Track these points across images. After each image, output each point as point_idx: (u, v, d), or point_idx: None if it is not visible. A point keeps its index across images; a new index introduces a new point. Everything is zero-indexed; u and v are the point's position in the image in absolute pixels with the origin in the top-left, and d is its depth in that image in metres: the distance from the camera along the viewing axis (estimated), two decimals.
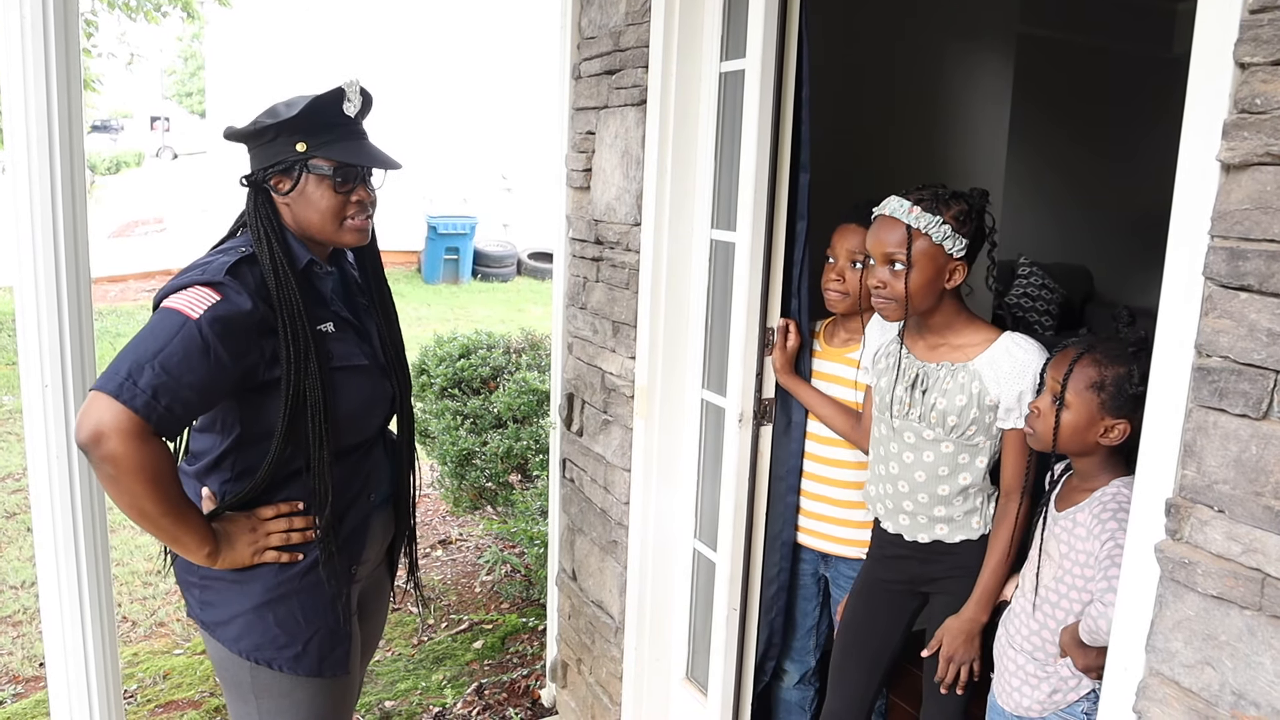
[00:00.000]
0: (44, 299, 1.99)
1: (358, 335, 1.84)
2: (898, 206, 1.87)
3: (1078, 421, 1.66)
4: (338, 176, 1.74)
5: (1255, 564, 1.05)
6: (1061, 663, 1.71)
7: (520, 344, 4.78)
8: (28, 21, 1.89)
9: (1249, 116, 1.04)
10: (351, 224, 1.78)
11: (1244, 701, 1.07)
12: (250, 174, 1.76)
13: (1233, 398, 1.07)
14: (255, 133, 1.73)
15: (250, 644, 1.73)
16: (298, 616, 1.75)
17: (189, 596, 1.79)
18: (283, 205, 1.76)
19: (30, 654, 3.50)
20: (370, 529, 1.89)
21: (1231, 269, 1.06)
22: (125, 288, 11.82)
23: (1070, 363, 1.67)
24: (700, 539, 2.44)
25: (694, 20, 2.25)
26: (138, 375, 1.50)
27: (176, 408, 1.54)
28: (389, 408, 1.93)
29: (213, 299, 1.58)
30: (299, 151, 1.71)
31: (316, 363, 1.68)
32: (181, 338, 1.53)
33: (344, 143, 1.75)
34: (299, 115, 1.69)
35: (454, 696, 3.25)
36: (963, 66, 3.88)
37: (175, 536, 1.60)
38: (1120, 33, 4.95)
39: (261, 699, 1.77)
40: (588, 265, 2.71)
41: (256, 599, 1.72)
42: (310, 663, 1.76)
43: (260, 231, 1.70)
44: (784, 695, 2.50)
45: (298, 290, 1.68)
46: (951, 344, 1.93)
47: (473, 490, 4.27)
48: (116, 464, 1.49)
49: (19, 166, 1.95)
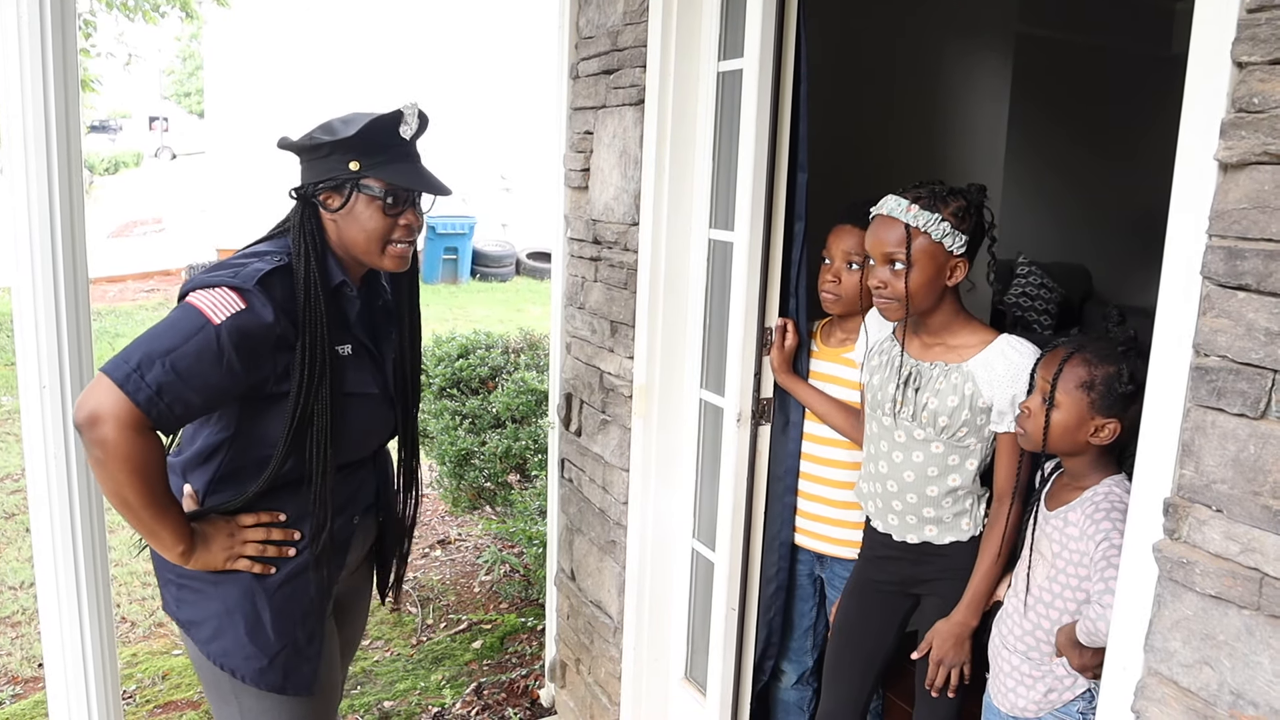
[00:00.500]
0: (42, 299, 1.99)
1: (372, 362, 1.84)
2: (896, 205, 1.86)
3: (1068, 421, 1.66)
4: (388, 198, 1.73)
5: (1253, 563, 1.05)
6: (1056, 662, 1.71)
7: (519, 344, 4.78)
8: (24, 21, 1.89)
9: (1247, 116, 1.04)
10: (394, 250, 1.77)
11: (1242, 701, 1.07)
12: (300, 187, 1.75)
13: (1231, 397, 1.07)
14: (310, 147, 1.72)
15: (220, 649, 1.72)
16: (268, 630, 1.73)
17: (165, 593, 1.79)
18: (329, 221, 1.75)
19: (29, 655, 3.50)
20: (353, 538, 1.90)
21: (1229, 268, 1.06)
22: (124, 288, 11.81)
23: (1060, 363, 1.67)
24: (699, 539, 2.44)
25: (692, 20, 2.25)
26: (146, 369, 1.50)
27: (178, 407, 1.54)
28: (387, 434, 1.94)
29: (237, 306, 1.57)
30: (351, 170, 1.70)
31: (329, 387, 1.68)
32: (198, 340, 1.54)
33: (397, 164, 1.74)
34: (355, 135, 1.68)
35: (453, 696, 3.25)
36: (961, 66, 3.88)
37: (153, 530, 1.60)
38: (1119, 32, 4.94)
39: (243, 699, 1.76)
40: (586, 265, 2.71)
41: (229, 603, 1.72)
42: (274, 679, 1.75)
43: (302, 246, 1.69)
44: (782, 696, 2.50)
45: (325, 312, 1.67)
46: (947, 344, 1.92)
47: (471, 490, 4.27)
48: (106, 450, 1.50)
49: (16, 167, 1.94)
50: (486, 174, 13.93)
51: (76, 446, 2.04)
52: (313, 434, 1.68)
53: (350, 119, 1.72)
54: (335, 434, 1.71)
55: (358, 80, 11.44)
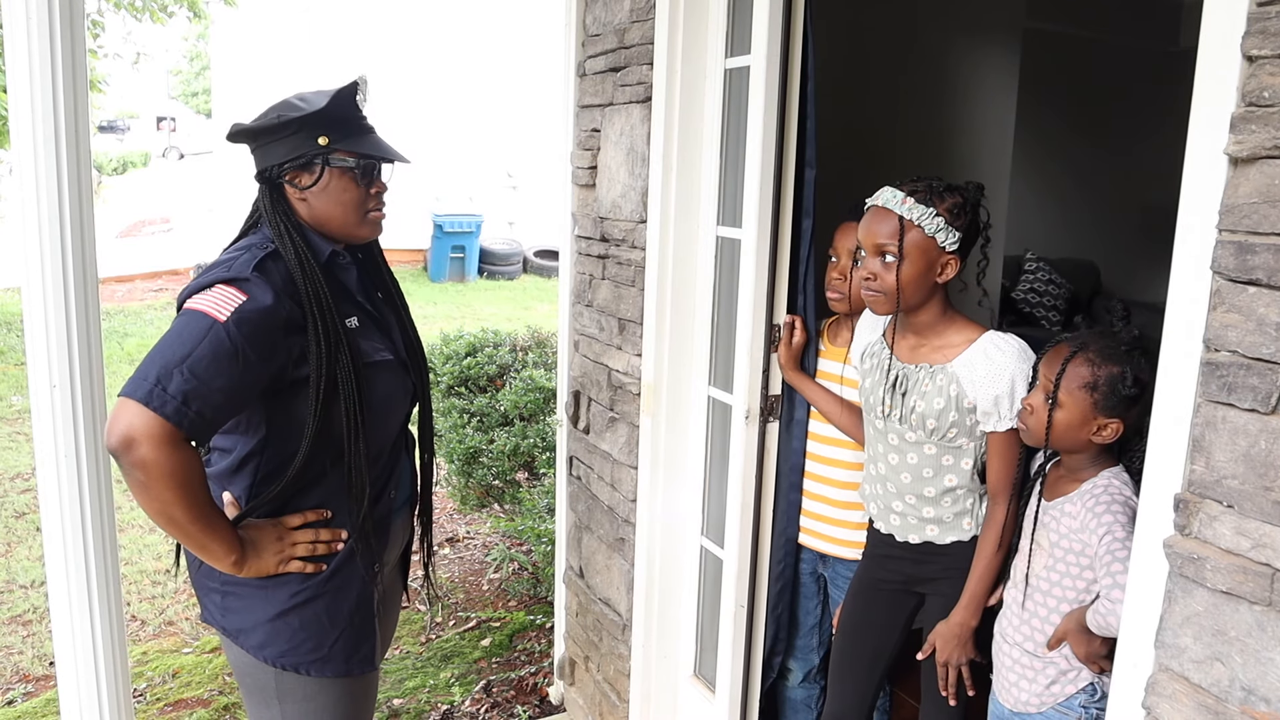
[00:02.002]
0: (51, 299, 1.99)
1: (380, 329, 1.83)
2: (891, 197, 1.84)
3: (1070, 420, 1.65)
4: (359, 170, 1.74)
5: (1265, 559, 1.05)
6: (1057, 653, 1.70)
7: (526, 342, 4.78)
8: (33, 22, 1.89)
9: (1257, 110, 1.04)
10: (373, 216, 1.79)
11: (1254, 697, 1.07)
12: (265, 170, 1.73)
13: (1241, 392, 1.06)
14: (275, 127, 1.69)
15: (275, 651, 1.71)
16: (323, 619, 1.73)
17: (208, 602, 1.76)
18: (298, 200, 1.73)
19: (40, 653, 3.52)
20: (391, 530, 1.89)
21: (1240, 263, 1.06)
22: (132, 288, 11.85)
23: (1063, 361, 1.66)
24: (707, 536, 2.44)
25: (699, 17, 2.24)
26: (166, 381, 1.48)
27: (207, 412, 1.52)
28: (410, 403, 1.92)
29: (239, 299, 1.56)
30: (320, 146, 1.69)
31: (347, 355, 1.66)
32: (210, 340, 1.51)
33: (362, 136, 1.75)
34: (326, 109, 1.67)
35: (462, 694, 3.26)
36: (969, 61, 3.87)
37: (203, 544, 1.58)
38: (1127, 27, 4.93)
39: (285, 703, 1.75)
40: (594, 263, 2.71)
41: (281, 605, 1.71)
42: (336, 664, 1.75)
43: (281, 227, 1.69)
44: (789, 694, 2.50)
45: (325, 283, 1.67)
46: (932, 345, 1.91)
47: (480, 488, 4.28)
48: (147, 470, 1.47)
49: (26, 167, 1.95)
50: (493, 172, 13.95)
51: (86, 445, 2.04)
52: (340, 407, 1.66)
53: (308, 96, 1.71)
54: (362, 405, 1.69)
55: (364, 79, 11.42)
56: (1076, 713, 1.70)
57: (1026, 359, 1.81)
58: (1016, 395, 1.80)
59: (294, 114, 1.68)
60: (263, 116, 1.72)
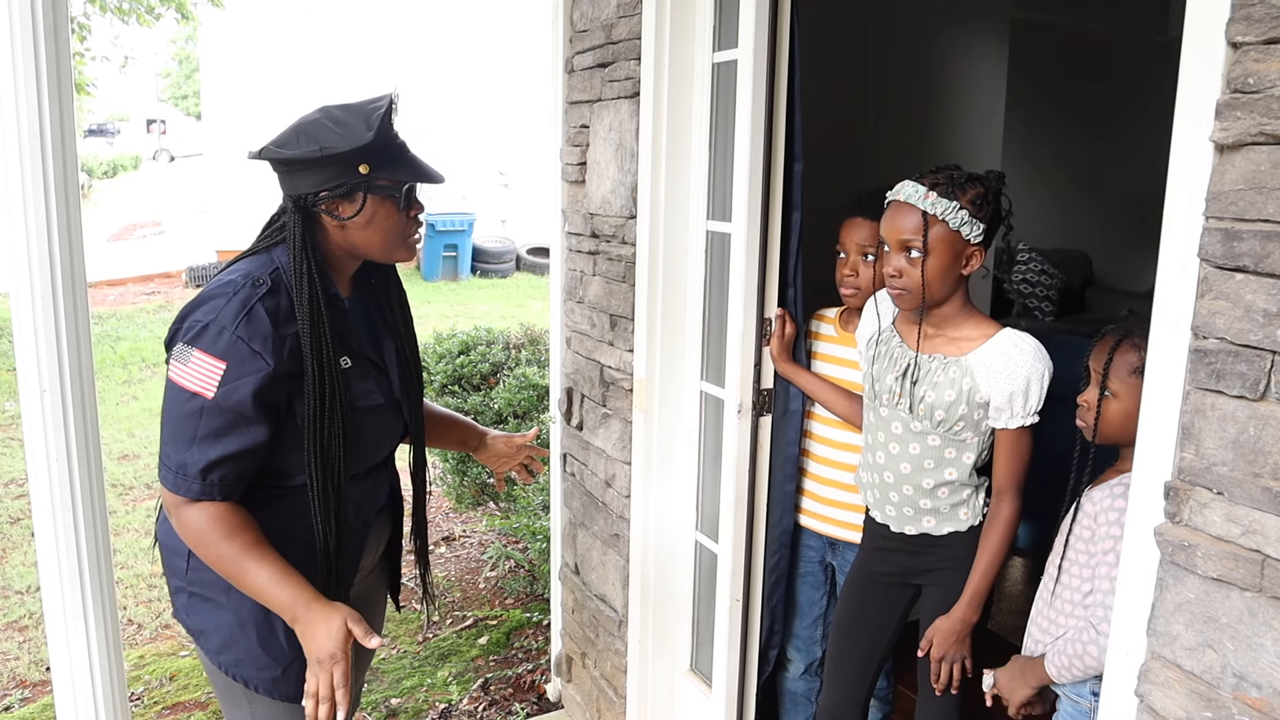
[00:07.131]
0: (40, 304, 1.98)
1: (375, 371, 1.80)
2: (913, 192, 1.81)
3: (1129, 408, 1.58)
4: (401, 197, 1.68)
5: (1255, 545, 1.05)
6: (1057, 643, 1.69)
7: (519, 339, 4.78)
8: (16, 24, 1.88)
9: (1242, 96, 1.04)
10: (411, 242, 1.75)
11: (1245, 683, 1.07)
12: (300, 198, 1.64)
13: (1230, 379, 1.06)
14: (318, 160, 1.60)
15: (231, 659, 1.69)
16: (280, 640, 1.69)
17: (176, 601, 1.76)
18: (335, 229, 1.67)
19: (37, 659, 3.51)
20: (366, 541, 1.88)
21: (1226, 250, 1.06)
22: (124, 291, 11.81)
23: (1109, 351, 1.62)
24: (701, 530, 2.44)
25: (685, 11, 2.24)
26: (184, 467, 1.55)
27: (231, 476, 1.57)
28: (396, 440, 1.92)
29: (218, 370, 1.53)
30: (361, 175, 1.62)
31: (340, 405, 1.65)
32: (206, 417, 1.54)
33: (402, 160, 1.69)
34: (375, 137, 1.59)
35: (459, 692, 3.26)
36: (957, 51, 3.87)
37: (262, 596, 1.59)
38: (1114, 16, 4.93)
39: (255, 705, 1.74)
40: (584, 259, 2.71)
41: (241, 614, 1.68)
42: (288, 688, 1.71)
43: (303, 267, 1.62)
44: (790, 686, 2.50)
45: (328, 332, 1.62)
46: (948, 336, 1.89)
47: (474, 486, 4.28)
48: (187, 532, 1.58)
49: (11, 171, 1.94)
50: (485, 170, 13.93)
51: (77, 450, 2.04)
52: (320, 449, 1.65)
53: (343, 121, 1.62)
54: (347, 450, 1.68)
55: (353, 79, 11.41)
56: (1087, 699, 1.68)
57: (1043, 359, 1.80)
58: (1031, 394, 1.79)
59: (336, 147, 1.59)
60: (298, 144, 1.62)
